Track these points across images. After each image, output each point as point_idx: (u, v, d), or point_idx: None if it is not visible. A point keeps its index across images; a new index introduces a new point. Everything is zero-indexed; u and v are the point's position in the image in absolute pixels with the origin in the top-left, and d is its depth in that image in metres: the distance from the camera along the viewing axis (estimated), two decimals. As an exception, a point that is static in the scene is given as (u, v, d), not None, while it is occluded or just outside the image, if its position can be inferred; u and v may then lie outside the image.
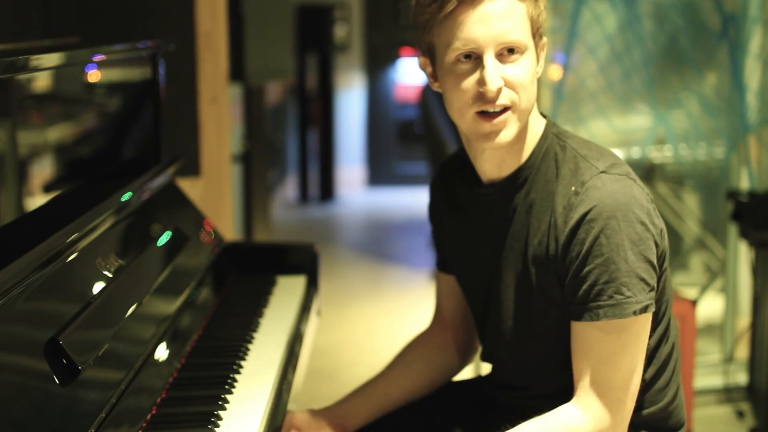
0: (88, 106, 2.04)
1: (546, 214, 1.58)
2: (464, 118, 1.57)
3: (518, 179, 1.63)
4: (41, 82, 1.77)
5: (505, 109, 1.54)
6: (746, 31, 3.44)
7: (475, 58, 1.53)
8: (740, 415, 3.38)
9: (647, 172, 3.74)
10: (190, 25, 2.75)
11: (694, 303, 3.20)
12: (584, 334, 1.54)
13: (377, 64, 7.94)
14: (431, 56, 1.61)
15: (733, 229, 3.59)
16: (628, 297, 1.50)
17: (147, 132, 2.28)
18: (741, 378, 3.54)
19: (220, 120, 2.85)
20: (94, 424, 1.37)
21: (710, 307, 3.84)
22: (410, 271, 5.55)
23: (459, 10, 1.52)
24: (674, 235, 3.93)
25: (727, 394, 3.50)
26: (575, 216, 1.53)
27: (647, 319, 1.54)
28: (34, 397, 1.31)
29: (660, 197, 3.85)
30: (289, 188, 7.71)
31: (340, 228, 6.98)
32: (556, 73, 3.42)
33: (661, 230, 1.57)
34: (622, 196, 1.52)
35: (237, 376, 1.71)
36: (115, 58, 2.10)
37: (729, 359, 3.62)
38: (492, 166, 1.64)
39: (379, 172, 8.06)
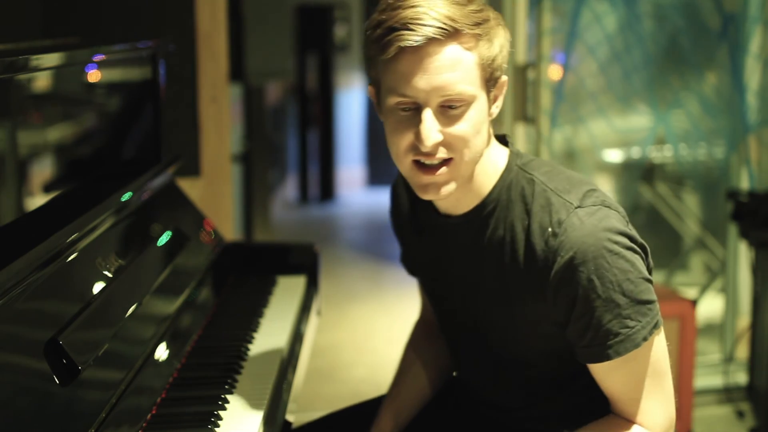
0: (88, 106, 2.04)
1: (520, 254, 1.52)
2: (402, 165, 1.50)
3: (479, 215, 1.56)
4: (41, 82, 1.77)
5: (445, 161, 1.47)
6: (746, 31, 3.44)
7: (414, 109, 1.45)
8: (740, 415, 3.38)
9: (647, 172, 3.75)
10: (190, 25, 2.75)
11: (694, 303, 3.20)
12: (604, 373, 1.52)
13: (377, 64, 7.94)
14: (377, 87, 1.52)
15: (733, 229, 3.59)
16: (634, 327, 1.46)
17: (147, 132, 2.28)
18: (741, 378, 3.54)
19: (220, 120, 2.85)
20: (94, 424, 1.37)
21: (710, 307, 3.84)
22: (410, 271, 5.55)
23: (401, 56, 1.43)
24: (674, 235, 3.93)
25: (727, 394, 3.50)
26: (560, 261, 1.46)
27: (658, 333, 1.52)
28: (34, 397, 1.31)
29: (660, 197, 3.85)
30: (289, 188, 7.71)
31: (340, 228, 6.98)
32: (556, 73, 3.42)
33: (645, 247, 1.53)
34: (602, 231, 1.46)
35: (237, 376, 1.71)
36: (115, 58, 2.10)
37: (729, 359, 3.62)
38: (446, 204, 1.58)
39: (379, 172, 8.06)
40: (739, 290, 3.68)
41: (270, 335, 1.93)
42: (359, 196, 7.83)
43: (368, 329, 4.48)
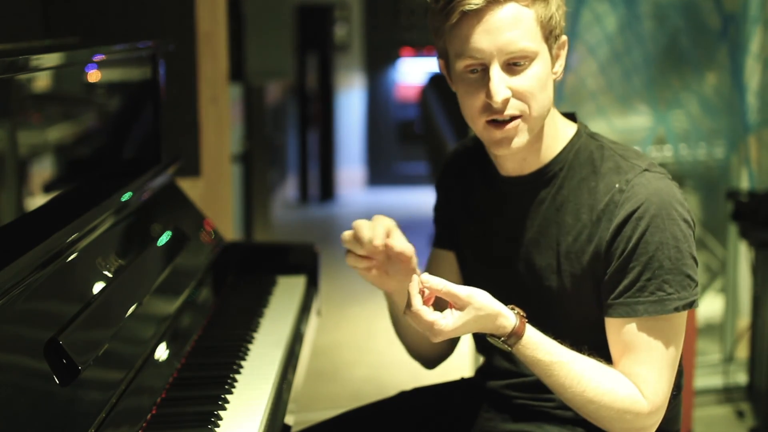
0: (88, 106, 2.04)
1: (583, 212, 1.59)
2: (476, 125, 1.58)
3: (545, 175, 1.63)
4: (41, 82, 1.77)
5: (515, 117, 1.55)
6: (746, 31, 3.44)
7: (482, 69, 1.53)
8: (740, 415, 3.38)
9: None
10: (190, 25, 2.75)
11: (694, 303, 3.20)
12: (622, 330, 1.54)
13: (377, 64, 7.94)
14: (446, 59, 1.61)
15: (733, 229, 3.59)
16: (671, 294, 1.51)
17: (147, 132, 2.28)
18: (741, 378, 3.54)
19: (220, 120, 2.85)
20: (94, 425, 1.37)
21: (710, 307, 3.84)
22: (410, 271, 5.54)
23: (464, 20, 1.52)
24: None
25: (727, 394, 3.50)
26: (622, 213, 1.54)
27: (686, 314, 1.55)
28: (34, 398, 1.31)
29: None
30: (289, 188, 7.71)
31: (340, 228, 6.94)
32: (556, 73, 3.42)
33: (694, 229, 1.59)
34: (666, 195, 1.54)
35: (237, 376, 1.71)
36: (115, 58, 2.10)
37: (729, 359, 3.62)
38: (513, 164, 1.65)
39: (379, 172, 8.06)
40: (739, 290, 3.68)
41: (270, 335, 1.93)
42: (359, 197, 7.83)
43: (368, 329, 4.48)
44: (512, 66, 1.53)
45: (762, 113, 3.48)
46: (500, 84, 1.51)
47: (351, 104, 7.97)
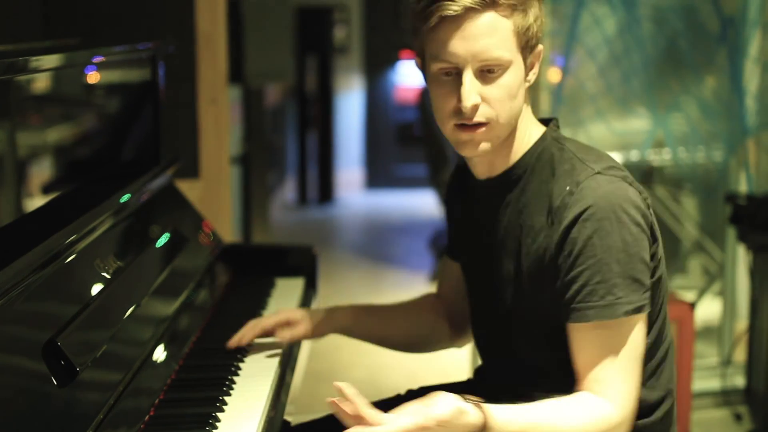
0: (87, 107, 2.04)
1: (541, 214, 1.60)
2: (444, 127, 1.61)
3: (510, 178, 1.65)
4: (41, 83, 1.77)
5: (482, 124, 1.57)
6: (745, 35, 3.44)
7: (455, 74, 1.56)
8: (738, 418, 3.39)
9: (646, 175, 3.74)
10: (189, 26, 2.76)
11: (692, 306, 3.20)
12: (578, 335, 1.55)
13: (376, 66, 7.94)
14: (422, 59, 1.64)
15: (731, 233, 3.59)
16: (620, 298, 1.51)
17: (146, 133, 2.28)
18: (739, 381, 3.55)
19: (219, 122, 2.86)
20: (92, 426, 1.37)
21: (708, 310, 3.84)
22: (409, 273, 5.55)
23: (442, 25, 1.54)
24: (672, 239, 3.93)
25: (725, 397, 3.51)
26: (569, 215, 1.54)
27: (641, 318, 1.55)
28: (32, 399, 1.31)
29: (658, 200, 3.85)
30: (288, 190, 7.71)
31: (338, 230, 6.98)
32: (555, 76, 3.42)
33: (656, 234, 1.59)
34: (616, 198, 1.54)
35: (235, 378, 1.71)
36: (114, 59, 2.10)
37: (727, 362, 3.62)
38: (482, 166, 1.67)
39: (378, 175, 8.06)
40: (737, 293, 3.68)
41: (268, 337, 1.93)
42: (358, 199, 7.83)
43: (367, 331, 4.47)
44: (485, 73, 1.55)
45: (761, 116, 3.48)
46: (471, 90, 1.54)
47: (350, 106, 7.97)
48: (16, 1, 2.45)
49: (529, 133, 1.66)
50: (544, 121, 1.71)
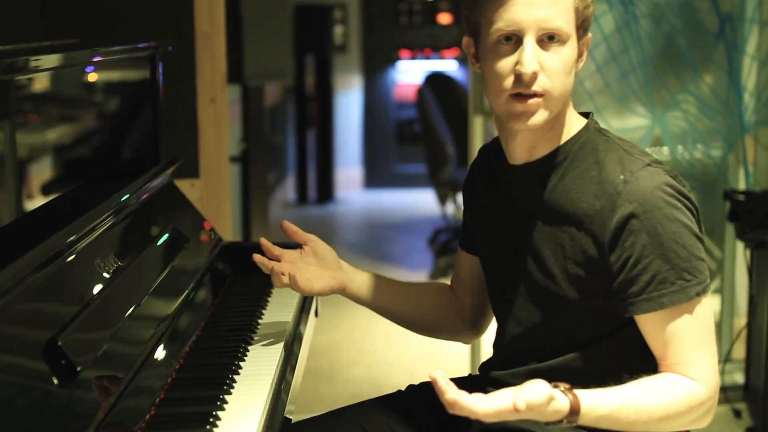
0: (87, 107, 2.04)
1: (584, 200, 1.62)
2: (499, 99, 1.61)
3: (552, 162, 1.66)
4: (40, 83, 1.77)
5: (537, 95, 1.58)
6: (743, 32, 3.44)
7: (515, 41, 1.57)
8: (737, 414, 3.39)
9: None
10: (188, 26, 2.76)
11: (691, 303, 3.20)
12: (651, 324, 1.58)
13: (375, 65, 7.95)
14: (475, 36, 1.65)
15: (730, 230, 3.60)
16: (690, 280, 1.56)
17: (146, 133, 2.28)
18: (738, 378, 3.55)
19: (218, 121, 2.86)
20: (93, 425, 1.37)
21: (707, 307, 3.83)
22: (408, 272, 5.56)
23: None
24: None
25: (723, 393, 3.51)
26: (627, 208, 1.57)
27: (707, 294, 1.59)
28: (33, 398, 1.32)
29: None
30: (288, 189, 7.71)
31: (338, 229, 6.98)
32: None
33: (698, 211, 1.63)
34: (670, 186, 1.58)
35: (236, 377, 1.71)
36: (114, 59, 2.11)
37: (726, 359, 3.62)
38: (523, 149, 1.68)
39: (378, 174, 8.07)
40: (736, 290, 3.69)
41: (268, 336, 1.93)
42: (357, 198, 7.83)
43: (366, 330, 4.48)
44: (544, 42, 1.57)
45: (759, 113, 3.49)
46: (533, 56, 1.56)
47: (349, 105, 7.97)
48: (16, 1, 2.45)
49: (572, 120, 1.68)
50: (582, 114, 1.73)
